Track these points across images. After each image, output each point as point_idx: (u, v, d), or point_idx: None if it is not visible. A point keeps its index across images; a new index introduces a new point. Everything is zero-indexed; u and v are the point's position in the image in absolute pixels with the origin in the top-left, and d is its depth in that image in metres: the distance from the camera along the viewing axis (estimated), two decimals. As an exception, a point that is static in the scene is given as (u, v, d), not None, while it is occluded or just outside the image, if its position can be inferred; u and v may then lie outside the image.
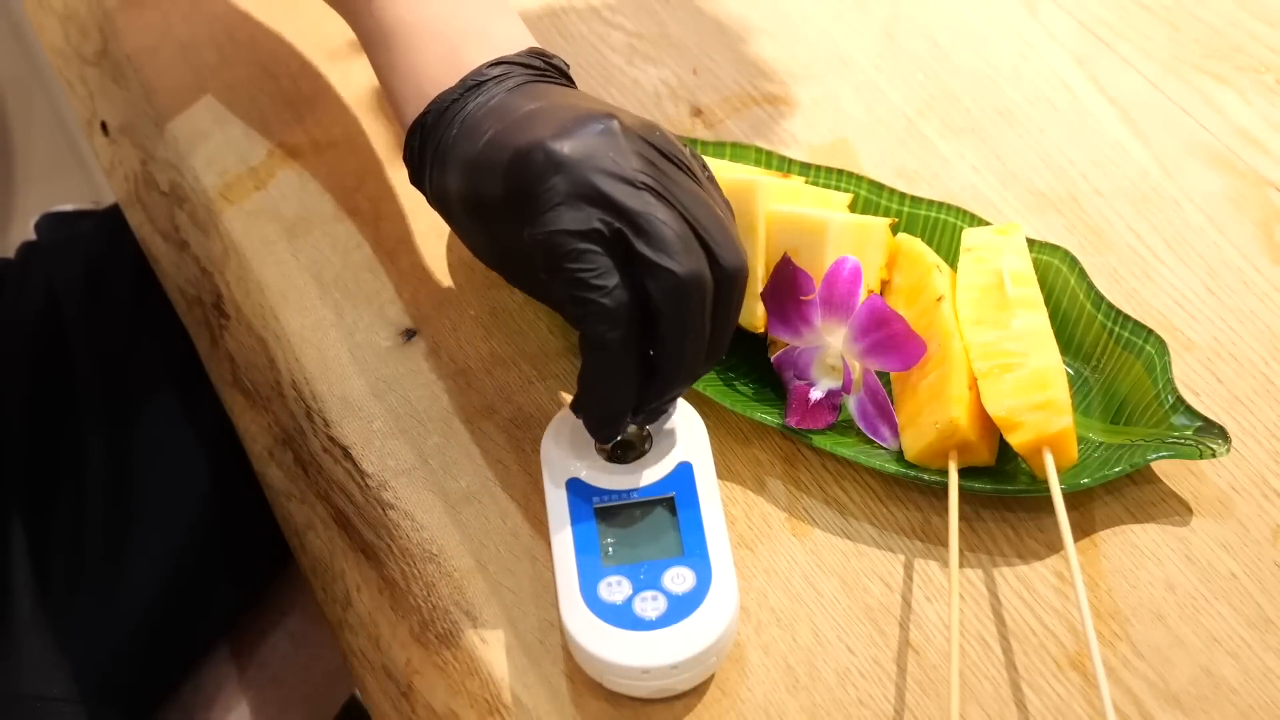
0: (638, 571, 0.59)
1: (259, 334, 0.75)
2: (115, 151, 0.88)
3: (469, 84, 0.63)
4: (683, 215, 0.58)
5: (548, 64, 0.65)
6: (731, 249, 0.58)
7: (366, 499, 0.68)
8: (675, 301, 0.57)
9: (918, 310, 0.67)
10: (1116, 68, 0.84)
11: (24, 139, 1.74)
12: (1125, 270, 0.74)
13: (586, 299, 0.56)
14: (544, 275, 0.58)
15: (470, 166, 0.61)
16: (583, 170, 0.57)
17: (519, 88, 0.62)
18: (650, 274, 0.57)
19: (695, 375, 0.60)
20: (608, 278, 0.56)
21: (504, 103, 0.62)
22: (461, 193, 0.61)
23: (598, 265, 0.56)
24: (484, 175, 0.60)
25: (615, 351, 0.58)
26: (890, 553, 0.64)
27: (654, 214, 0.57)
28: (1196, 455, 0.63)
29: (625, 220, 0.57)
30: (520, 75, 0.63)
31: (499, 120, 0.61)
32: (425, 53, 0.65)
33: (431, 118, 0.63)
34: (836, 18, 0.88)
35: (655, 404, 0.61)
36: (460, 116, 0.62)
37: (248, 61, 0.86)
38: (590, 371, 0.59)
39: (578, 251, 0.56)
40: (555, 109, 0.60)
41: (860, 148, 0.80)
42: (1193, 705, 0.59)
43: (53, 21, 0.94)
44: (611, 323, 0.57)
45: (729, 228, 0.59)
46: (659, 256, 0.56)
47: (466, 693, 0.62)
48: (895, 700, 0.60)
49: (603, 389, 0.59)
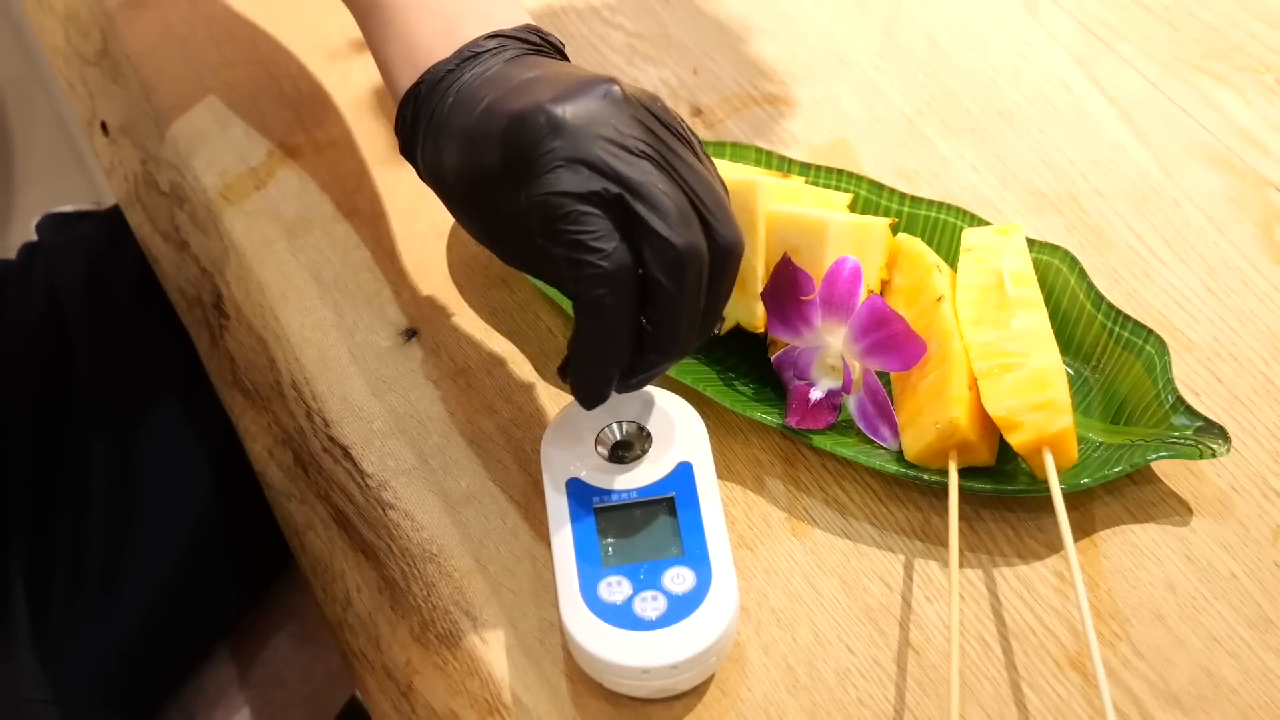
0: (638, 571, 0.59)
1: (259, 334, 0.75)
2: (115, 151, 0.88)
3: (465, 55, 0.62)
4: (682, 188, 0.57)
5: (544, 40, 0.64)
6: (729, 224, 0.58)
7: (366, 499, 0.68)
8: (673, 273, 0.56)
9: (918, 310, 0.67)
10: (1116, 68, 0.84)
11: (24, 139, 1.74)
12: (1125, 270, 0.74)
13: (585, 260, 0.55)
14: (541, 239, 0.57)
15: (466, 135, 0.60)
16: (583, 135, 0.56)
17: (516, 59, 0.62)
18: (649, 244, 0.56)
19: (687, 349, 0.60)
20: (607, 240, 0.55)
21: (501, 72, 0.61)
22: (456, 163, 0.61)
23: (597, 228, 0.55)
24: (480, 143, 0.59)
25: (612, 317, 0.57)
26: (890, 553, 0.64)
27: (654, 183, 0.56)
28: (1196, 455, 0.63)
29: (625, 187, 0.56)
30: (517, 48, 0.63)
31: (496, 88, 0.60)
32: (421, 25, 0.64)
33: (425, 88, 0.62)
34: (836, 18, 0.88)
35: (643, 375, 0.60)
36: (456, 86, 0.61)
37: (248, 61, 0.86)
38: (585, 337, 0.58)
39: (577, 214, 0.55)
40: (555, 76, 0.59)
41: (860, 148, 0.80)
42: (1193, 705, 0.59)
43: (53, 21, 0.94)
44: (610, 286, 0.56)
45: (726, 203, 0.58)
46: (658, 225, 0.56)
47: (466, 693, 0.62)
48: (895, 700, 0.60)
49: (596, 355, 0.58)
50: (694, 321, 0.58)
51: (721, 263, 0.58)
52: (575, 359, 0.59)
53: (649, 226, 0.56)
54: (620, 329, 0.57)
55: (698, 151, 0.60)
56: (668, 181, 0.57)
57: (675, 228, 0.56)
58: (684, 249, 0.56)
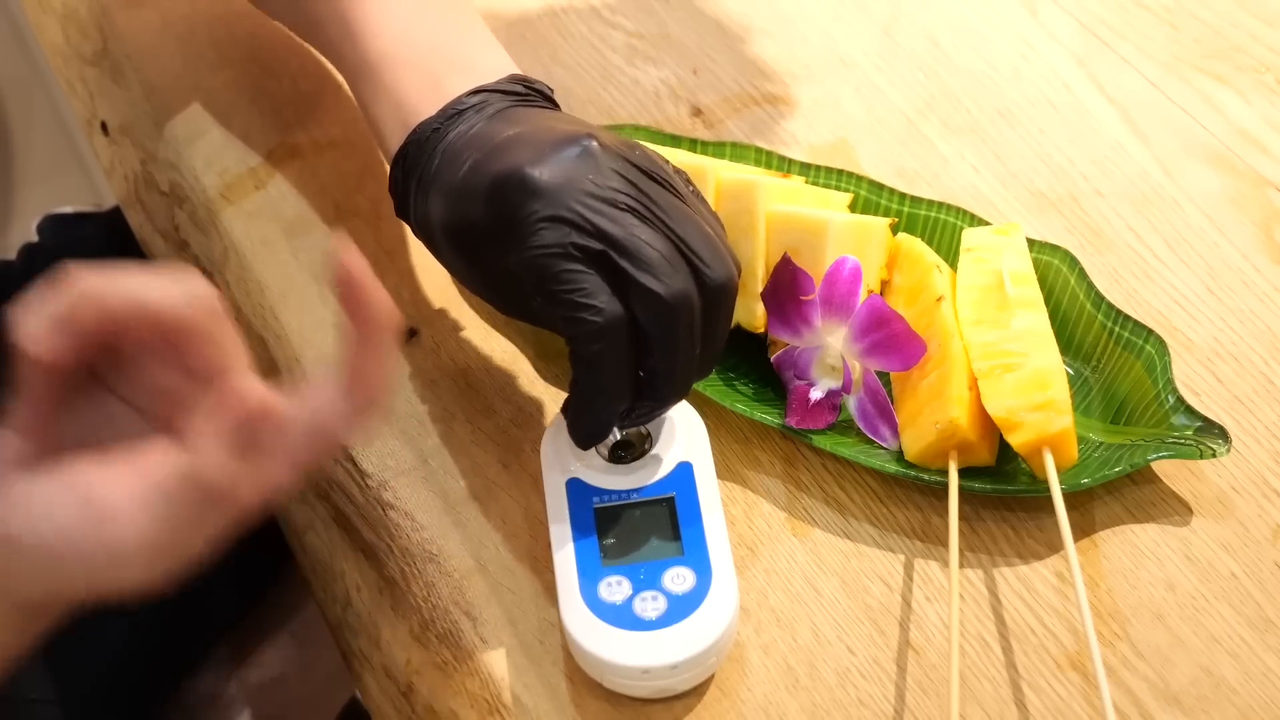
0: (638, 571, 0.59)
1: (259, 334, 0.75)
2: (115, 151, 0.88)
3: (449, 113, 0.62)
4: (666, 234, 0.57)
5: (529, 89, 0.65)
6: (718, 263, 0.58)
7: (366, 499, 0.68)
8: (662, 322, 0.57)
9: (918, 310, 0.67)
10: (1116, 68, 0.84)
11: (24, 139, 1.74)
12: (1125, 270, 0.74)
13: (578, 319, 0.56)
14: (535, 299, 0.58)
15: (452, 196, 0.61)
16: (563, 195, 0.57)
17: (499, 114, 0.62)
18: (636, 295, 0.56)
19: (686, 390, 0.60)
20: (597, 296, 0.56)
21: (483, 130, 0.61)
22: (445, 222, 0.61)
23: (586, 284, 0.56)
24: (466, 204, 0.60)
25: (608, 370, 0.57)
26: (890, 553, 0.64)
27: (637, 235, 0.57)
28: (1196, 455, 0.63)
29: (607, 243, 0.56)
30: (499, 102, 0.63)
31: (478, 149, 0.60)
32: (407, 83, 0.65)
33: (413, 149, 0.63)
34: (836, 18, 0.88)
35: (642, 417, 0.61)
36: (441, 146, 0.62)
37: (248, 61, 0.86)
38: (584, 388, 0.59)
39: (566, 273, 0.56)
40: (533, 133, 0.60)
41: (860, 148, 0.80)
42: (1193, 705, 0.59)
43: (53, 21, 0.94)
44: (604, 341, 0.56)
45: (714, 241, 0.59)
46: (644, 278, 0.56)
47: (466, 693, 0.62)
48: (895, 700, 0.60)
49: (595, 403, 0.59)
50: (689, 365, 0.59)
51: (714, 303, 0.58)
52: (574, 407, 0.60)
53: (635, 280, 0.56)
54: (617, 380, 0.58)
55: (680, 193, 0.60)
56: (650, 231, 0.57)
57: (661, 276, 0.56)
58: (671, 299, 0.56)
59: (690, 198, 0.60)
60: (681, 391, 0.60)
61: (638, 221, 0.57)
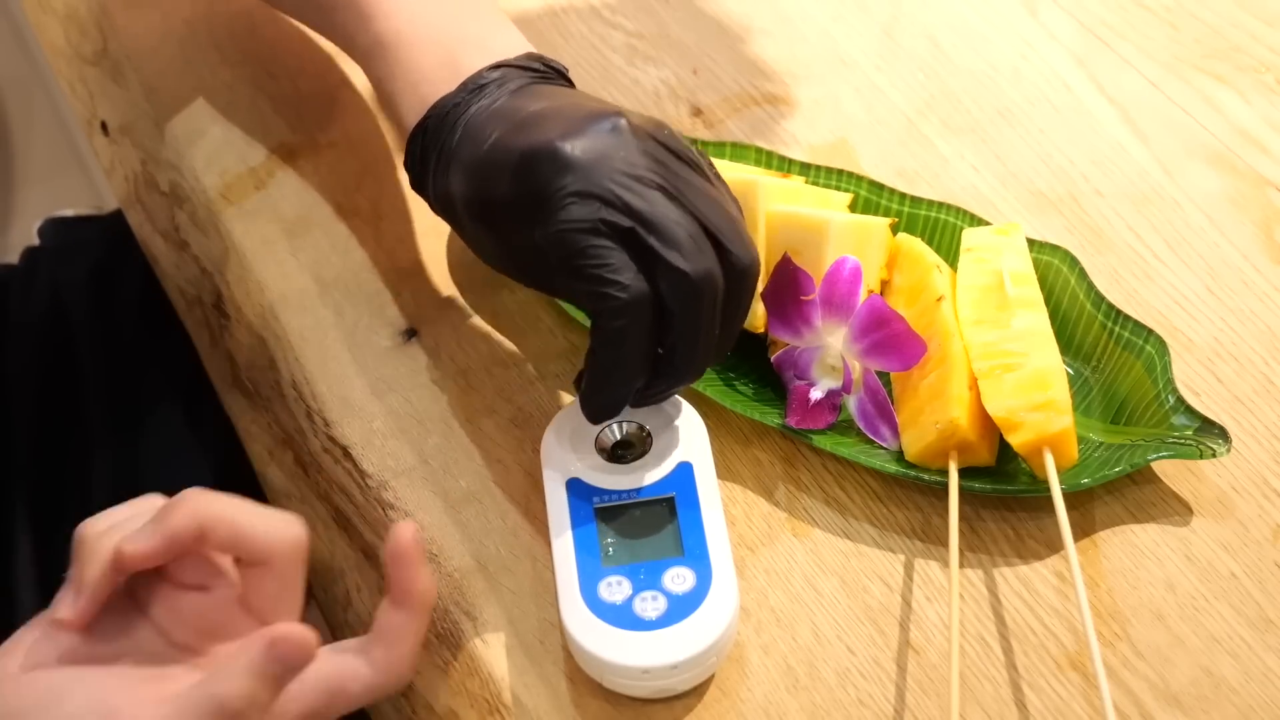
0: (638, 571, 0.59)
1: (259, 334, 0.75)
2: (115, 152, 0.88)
3: (470, 88, 0.63)
4: (693, 214, 0.58)
5: (547, 66, 0.65)
6: (743, 247, 0.59)
7: (366, 499, 0.68)
8: (687, 301, 0.57)
9: (918, 310, 0.67)
10: (1116, 68, 0.84)
11: (24, 139, 1.74)
12: (1125, 270, 0.74)
13: (603, 294, 0.57)
14: (560, 273, 0.58)
15: (476, 169, 0.61)
16: (594, 170, 0.57)
17: (521, 89, 0.63)
18: (662, 273, 0.57)
19: (702, 371, 0.61)
20: (624, 273, 0.56)
21: (507, 105, 0.62)
22: (467, 196, 0.61)
23: (613, 261, 0.57)
24: (491, 177, 0.60)
25: (630, 345, 0.58)
26: (890, 553, 0.64)
27: (665, 214, 0.57)
28: (1196, 455, 0.63)
29: (637, 220, 0.57)
30: (520, 78, 0.63)
31: (504, 123, 0.61)
32: (424, 60, 0.65)
33: (433, 122, 0.63)
34: (836, 18, 0.88)
35: (657, 395, 0.61)
36: (463, 120, 0.62)
37: (248, 61, 0.86)
38: (603, 362, 0.59)
39: (593, 248, 0.57)
40: (562, 109, 0.60)
41: (860, 148, 0.80)
42: (1193, 705, 0.59)
43: (53, 21, 0.94)
44: (629, 317, 0.57)
45: (740, 226, 0.59)
46: (671, 256, 0.57)
47: (466, 693, 0.62)
48: (895, 700, 0.60)
49: (612, 379, 0.59)
50: (709, 345, 0.59)
51: (737, 284, 0.59)
52: (591, 380, 0.60)
53: (662, 258, 0.57)
54: (636, 356, 0.59)
55: (708, 174, 0.61)
56: (679, 210, 0.58)
57: (688, 255, 0.57)
58: (697, 278, 0.57)
59: (716, 181, 0.61)
60: (699, 371, 0.60)
61: (666, 200, 0.58)
